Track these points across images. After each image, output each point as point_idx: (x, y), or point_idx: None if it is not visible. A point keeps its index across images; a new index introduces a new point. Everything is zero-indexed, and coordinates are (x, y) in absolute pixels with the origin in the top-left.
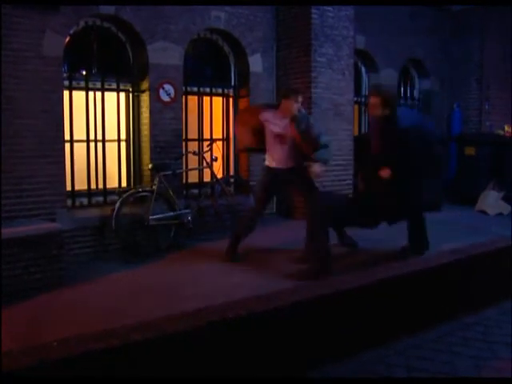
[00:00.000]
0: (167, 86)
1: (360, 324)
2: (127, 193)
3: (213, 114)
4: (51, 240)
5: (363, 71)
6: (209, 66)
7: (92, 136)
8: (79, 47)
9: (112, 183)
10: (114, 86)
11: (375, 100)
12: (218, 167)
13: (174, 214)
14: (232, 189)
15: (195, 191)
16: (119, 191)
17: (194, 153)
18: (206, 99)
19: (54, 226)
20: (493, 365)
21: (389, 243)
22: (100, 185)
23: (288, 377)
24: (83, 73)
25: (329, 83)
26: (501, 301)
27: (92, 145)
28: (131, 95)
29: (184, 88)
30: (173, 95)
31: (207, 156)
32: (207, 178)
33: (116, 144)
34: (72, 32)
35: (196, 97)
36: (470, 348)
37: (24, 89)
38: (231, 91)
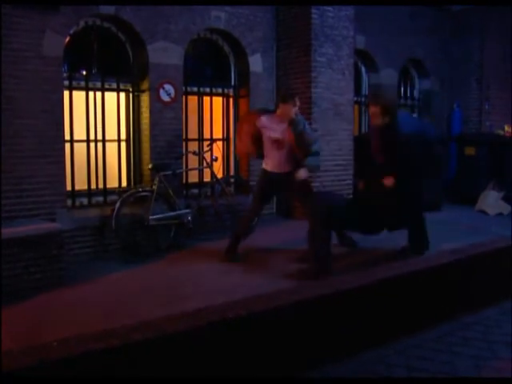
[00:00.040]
0: (167, 86)
1: (360, 324)
2: (127, 193)
3: (213, 114)
4: (51, 240)
5: (363, 71)
6: (209, 66)
7: (92, 136)
8: (79, 47)
9: (112, 183)
10: (114, 86)
11: (375, 109)
12: (218, 167)
13: (174, 214)
14: (232, 189)
15: (195, 191)
16: (119, 191)
17: (194, 153)
18: (206, 99)
19: (54, 226)
20: (493, 365)
21: (389, 243)
22: (100, 185)
23: (288, 377)
24: (83, 73)
25: (329, 83)
26: (501, 301)
27: (92, 145)
28: (131, 95)
29: (184, 88)
30: (173, 95)
31: (207, 156)
32: (207, 178)
33: (116, 144)
34: (72, 32)
35: (196, 97)
36: (470, 348)
37: (24, 89)
38: (231, 91)
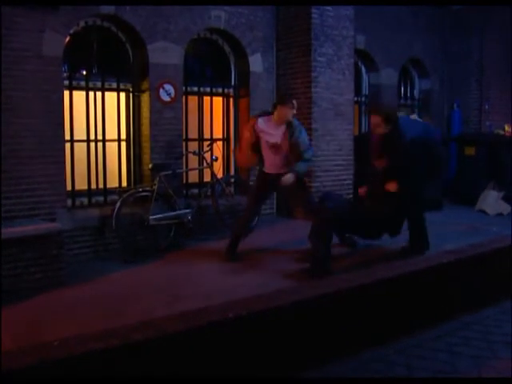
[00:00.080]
0: (167, 86)
1: (360, 323)
2: (127, 193)
3: (213, 114)
4: (51, 240)
5: (363, 71)
6: (209, 66)
7: (92, 136)
8: (79, 47)
9: (112, 183)
10: (114, 86)
11: (376, 119)
12: (218, 167)
13: (174, 214)
14: (232, 189)
15: (195, 191)
16: (119, 191)
17: (194, 153)
18: (206, 99)
19: (54, 226)
20: (493, 364)
21: (389, 243)
22: (100, 184)
23: (288, 377)
24: (83, 72)
25: (329, 83)
26: (501, 300)
27: (92, 145)
28: (131, 95)
29: (184, 88)
30: (173, 95)
31: (207, 156)
32: (207, 178)
33: (116, 144)
34: (72, 32)
35: (196, 96)
36: (470, 347)
37: (24, 89)
38: (231, 91)
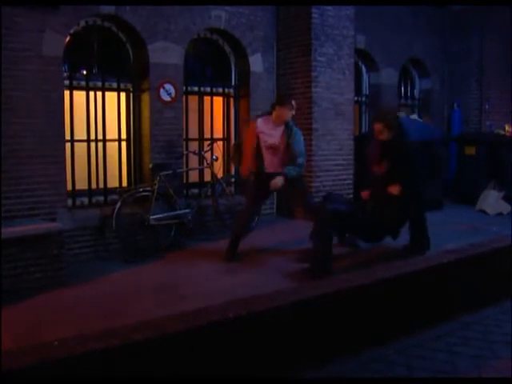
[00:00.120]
0: (168, 86)
1: (360, 323)
2: (128, 192)
3: (213, 114)
4: (51, 240)
5: (363, 71)
6: (209, 66)
7: (92, 136)
8: (79, 47)
9: (112, 183)
10: (115, 86)
11: (379, 126)
12: (219, 167)
13: (175, 214)
14: (232, 189)
15: (196, 191)
16: (120, 191)
17: (195, 152)
18: (207, 99)
19: (55, 226)
20: (493, 364)
21: (389, 243)
22: (100, 184)
23: (288, 377)
24: (83, 72)
25: (329, 83)
26: (501, 300)
27: (92, 144)
28: (132, 95)
29: (184, 88)
30: (173, 95)
31: (208, 156)
32: (208, 178)
33: (116, 144)
34: (72, 31)
35: (196, 96)
36: (470, 347)
37: (24, 88)
38: (232, 91)
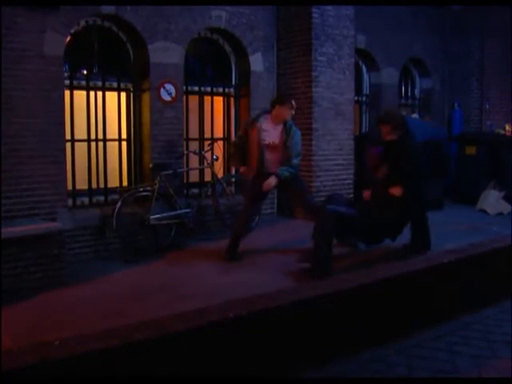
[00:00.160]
0: (168, 86)
1: (360, 323)
2: (128, 192)
3: (214, 114)
4: (52, 239)
5: (364, 70)
6: (209, 66)
7: (93, 135)
8: (80, 46)
9: (113, 182)
10: (115, 86)
11: (386, 127)
12: (219, 167)
13: (175, 214)
14: (233, 188)
15: (196, 191)
16: (120, 190)
17: (195, 152)
18: (207, 98)
19: (55, 226)
20: (493, 364)
21: (389, 243)
22: (101, 184)
23: (288, 377)
24: (84, 72)
25: (329, 82)
26: (501, 300)
27: (93, 144)
28: (132, 94)
29: (185, 87)
30: (174, 94)
31: (208, 155)
32: (208, 178)
33: (117, 143)
34: (73, 31)
35: (197, 96)
36: (470, 347)
37: (25, 88)
38: (232, 90)
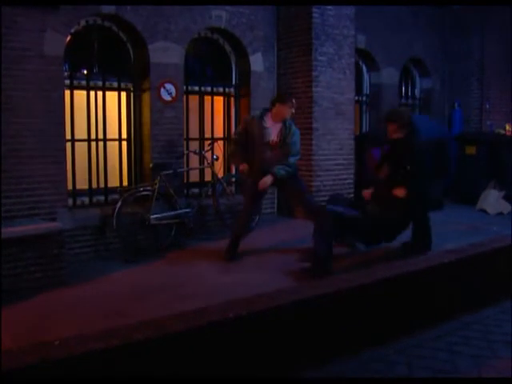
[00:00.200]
0: (168, 86)
1: (360, 323)
2: (128, 192)
3: (214, 113)
4: (52, 239)
5: (364, 70)
6: (210, 66)
7: (93, 135)
8: (80, 46)
9: (113, 182)
10: (115, 85)
11: (393, 126)
12: (219, 166)
13: (175, 214)
14: (233, 188)
15: (196, 190)
16: (120, 190)
17: (195, 152)
18: (207, 98)
19: (55, 226)
20: (493, 364)
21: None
22: (101, 184)
23: (288, 377)
24: (84, 72)
25: (330, 82)
26: (501, 300)
27: (93, 144)
28: (132, 94)
29: (185, 87)
30: (174, 94)
31: (208, 155)
32: (208, 178)
33: (117, 143)
34: (73, 31)
35: (197, 96)
36: (470, 347)
37: (25, 88)
38: (232, 90)
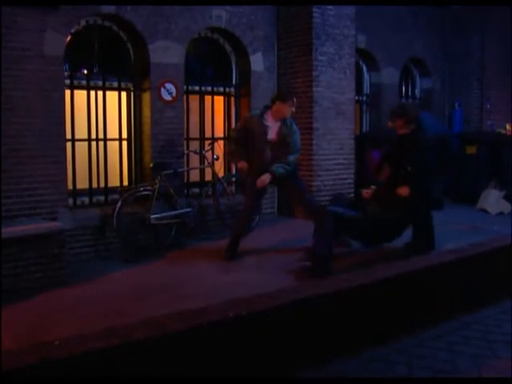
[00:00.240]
0: (168, 85)
1: (361, 323)
2: (128, 192)
3: (214, 113)
4: (52, 239)
5: (364, 70)
6: (210, 65)
7: (93, 135)
8: (80, 46)
9: (113, 182)
10: (116, 85)
11: (399, 121)
12: (220, 166)
13: (175, 213)
14: (233, 188)
15: (196, 190)
16: (120, 190)
17: (196, 152)
18: (208, 98)
19: (56, 225)
20: (493, 363)
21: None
22: (101, 184)
23: (288, 377)
24: (84, 72)
25: (330, 82)
26: (501, 300)
27: (93, 144)
28: (132, 94)
29: (185, 87)
30: (174, 94)
31: (208, 155)
32: (208, 177)
33: (117, 143)
34: (73, 31)
35: (197, 96)
36: (470, 347)
37: (25, 88)
38: (232, 90)
